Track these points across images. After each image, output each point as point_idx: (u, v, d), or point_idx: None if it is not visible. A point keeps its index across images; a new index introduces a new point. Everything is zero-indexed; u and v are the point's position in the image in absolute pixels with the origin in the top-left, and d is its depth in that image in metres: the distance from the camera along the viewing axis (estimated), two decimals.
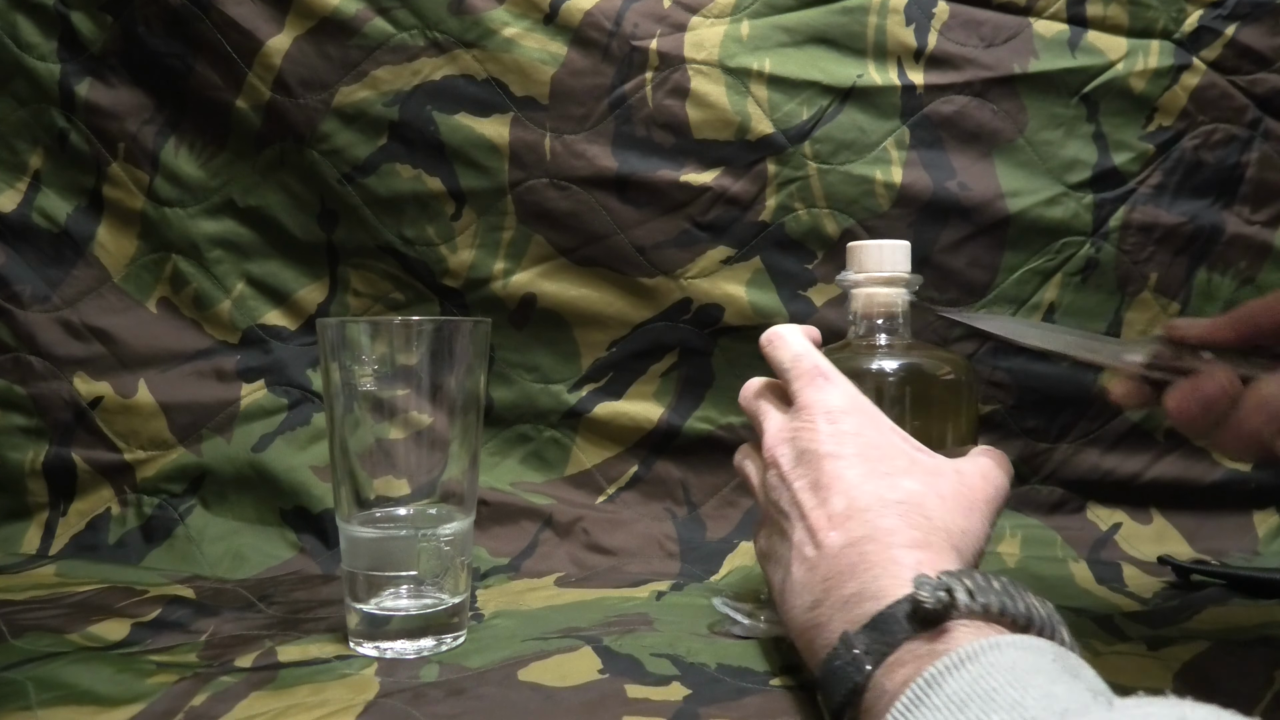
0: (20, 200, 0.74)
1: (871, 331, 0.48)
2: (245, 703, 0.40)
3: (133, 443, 0.71)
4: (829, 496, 0.37)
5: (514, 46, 0.72)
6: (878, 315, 0.48)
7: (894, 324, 0.48)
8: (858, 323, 0.49)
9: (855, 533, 0.35)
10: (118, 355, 0.73)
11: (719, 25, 0.73)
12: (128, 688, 0.41)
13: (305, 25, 0.72)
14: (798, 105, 0.72)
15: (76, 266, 0.74)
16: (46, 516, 0.70)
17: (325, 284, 0.75)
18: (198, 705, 0.39)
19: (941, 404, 0.46)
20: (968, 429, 0.47)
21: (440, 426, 0.48)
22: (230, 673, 0.43)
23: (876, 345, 0.48)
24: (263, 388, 0.73)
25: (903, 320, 0.48)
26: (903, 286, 0.48)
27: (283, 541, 0.68)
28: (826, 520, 0.37)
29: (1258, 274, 0.73)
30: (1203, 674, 0.41)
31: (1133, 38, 0.73)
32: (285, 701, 0.40)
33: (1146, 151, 0.73)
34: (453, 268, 0.73)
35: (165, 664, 0.45)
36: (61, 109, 0.74)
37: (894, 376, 0.46)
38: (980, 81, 0.72)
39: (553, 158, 0.72)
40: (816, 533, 0.37)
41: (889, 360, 0.46)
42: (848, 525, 0.36)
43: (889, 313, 0.48)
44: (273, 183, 0.74)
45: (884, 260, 0.48)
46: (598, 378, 0.74)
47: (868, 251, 0.48)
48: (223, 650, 0.47)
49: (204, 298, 0.74)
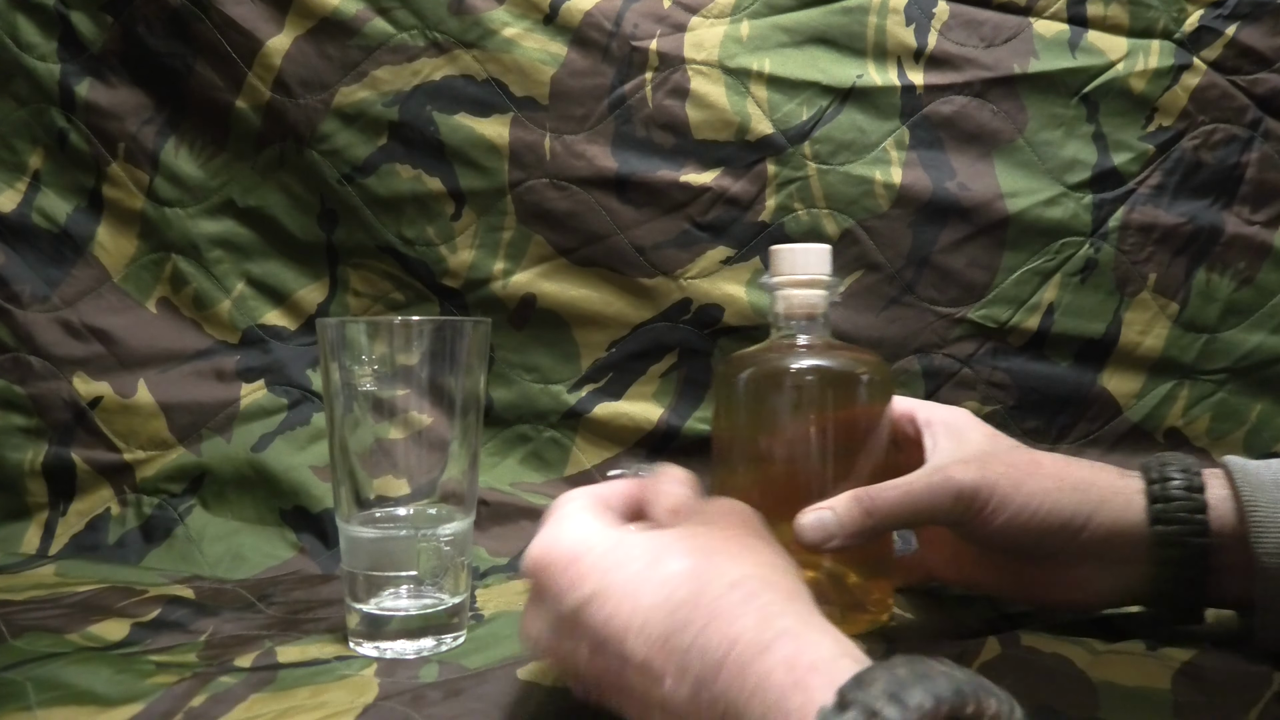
0: (20, 200, 0.74)
1: (792, 332, 0.49)
2: (245, 704, 0.40)
3: (132, 443, 0.71)
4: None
5: (514, 47, 0.72)
6: (798, 316, 0.50)
7: (814, 325, 0.50)
8: (780, 324, 0.50)
9: (691, 669, 0.27)
10: (117, 355, 0.73)
11: (719, 25, 0.73)
12: (127, 688, 0.41)
13: (305, 25, 0.72)
14: (797, 105, 0.72)
15: (76, 266, 0.74)
16: (46, 516, 0.70)
17: (325, 284, 0.75)
18: (197, 706, 0.39)
19: (859, 403, 0.48)
20: (884, 429, 0.48)
21: (440, 426, 0.48)
22: (230, 673, 0.43)
23: (796, 345, 0.49)
24: (262, 388, 0.73)
25: (823, 321, 0.50)
26: (823, 289, 0.50)
27: (282, 541, 0.68)
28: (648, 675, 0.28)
29: (1257, 274, 0.73)
30: (1202, 674, 0.41)
31: (1133, 38, 0.73)
32: (285, 703, 0.40)
33: (1146, 152, 0.73)
34: (453, 268, 0.73)
35: (165, 664, 0.45)
36: (61, 109, 0.74)
37: (812, 376, 0.48)
38: (980, 82, 0.72)
39: (553, 158, 0.72)
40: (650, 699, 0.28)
41: (808, 360, 0.48)
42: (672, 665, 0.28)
43: (809, 314, 0.50)
44: (272, 183, 0.74)
45: (804, 264, 0.49)
46: (597, 378, 0.74)
47: (789, 255, 0.49)
48: (222, 650, 0.47)
49: (204, 298, 0.74)
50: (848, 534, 0.43)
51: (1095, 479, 0.45)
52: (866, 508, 0.43)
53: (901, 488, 0.44)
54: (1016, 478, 0.43)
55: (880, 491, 0.44)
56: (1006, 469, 0.44)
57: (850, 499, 0.43)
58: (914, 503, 0.43)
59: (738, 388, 0.49)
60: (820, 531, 0.43)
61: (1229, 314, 0.73)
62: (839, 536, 0.43)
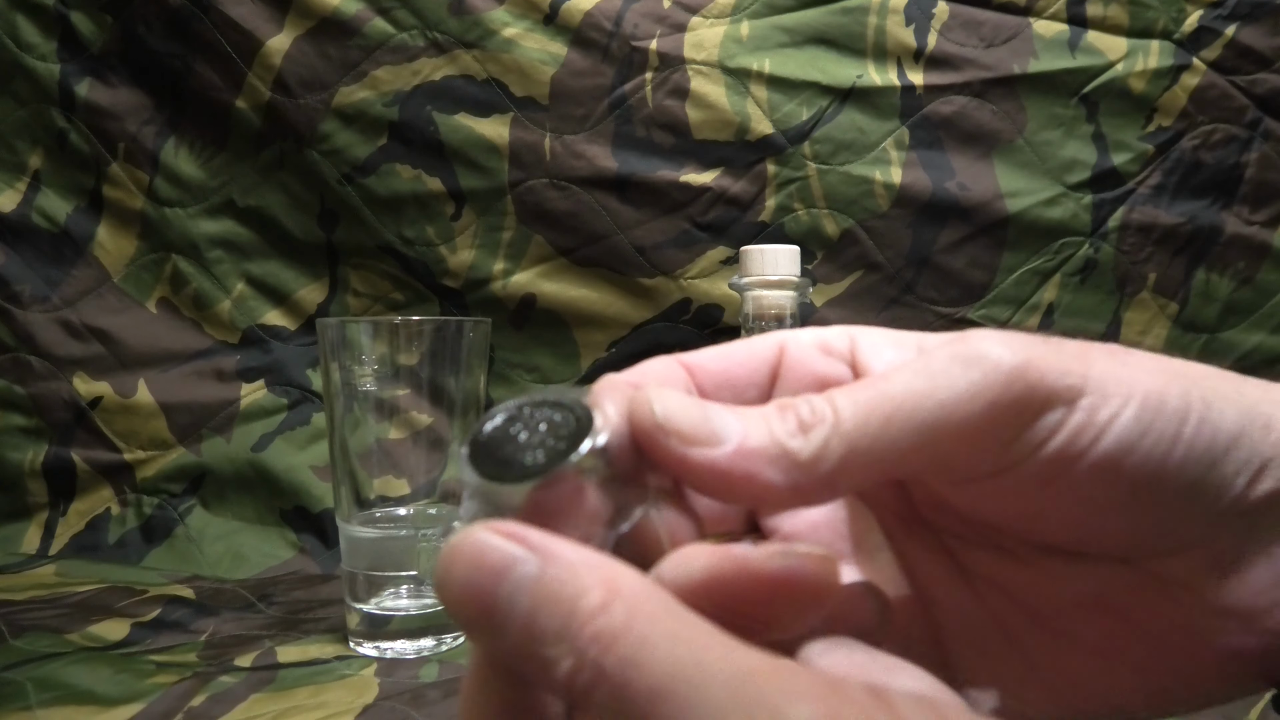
0: (20, 200, 0.74)
1: (762, 332, 0.50)
2: (245, 704, 0.40)
3: (132, 443, 0.71)
4: None
5: (514, 47, 0.72)
6: (767, 316, 0.51)
7: (783, 324, 0.50)
8: (749, 324, 0.51)
9: None
10: (117, 355, 0.73)
11: (719, 26, 0.73)
12: (127, 688, 0.41)
13: (305, 25, 0.72)
14: (797, 106, 0.72)
15: (76, 266, 0.74)
16: (46, 516, 0.70)
17: (325, 284, 0.75)
18: (197, 706, 0.39)
19: None
20: None
21: (440, 426, 0.48)
22: (230, 673, 0.43)
23: None
24: (263, 388, 0.73)
25: (791, 321, 0.51)
26: (792, 289, 0.50)
27: (282, 541, 0.68)
28: None
29: (1256, 274, 0.73)
30: None
31: (1133, 38, 0.73)
32: (285, 703, 0.40)
33: (1146, 152, 0.73)
34: (453, 268, 0.73)
35: (165, 664, 0.45)
36: (61, 109, 0.74)
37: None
38: (980, 82, 0.72)
39: (553, 158, 0.72)
40: None
41: None
42: None
43: (778, 314, 0.50)
44: (273, 183, 0.74)
45: (773, 265, 0.50)
46: (597, 378, 0.74)
47: (758, 256, 0.50)
48: (222, 650, 0.47)
49: (204, 298, 0.74)
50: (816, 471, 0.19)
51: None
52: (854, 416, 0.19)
53: (897, 384, 0.19)
54: (1115, 364, 0.19)
55: (856, 394, 0.19)
56: (1080, 349, 0.19)
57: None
58: (920, 408, 0.18)
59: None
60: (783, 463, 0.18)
61: (1228, 314, 0.73)
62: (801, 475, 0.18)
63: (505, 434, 0.18)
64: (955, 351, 0.19)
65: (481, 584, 0.16)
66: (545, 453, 0.17)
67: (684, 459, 0.18)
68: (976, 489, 0.20)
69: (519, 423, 0.18)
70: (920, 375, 0.19)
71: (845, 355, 0.22)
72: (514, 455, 0.17)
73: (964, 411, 0.18)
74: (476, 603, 0.16)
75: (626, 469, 0.18)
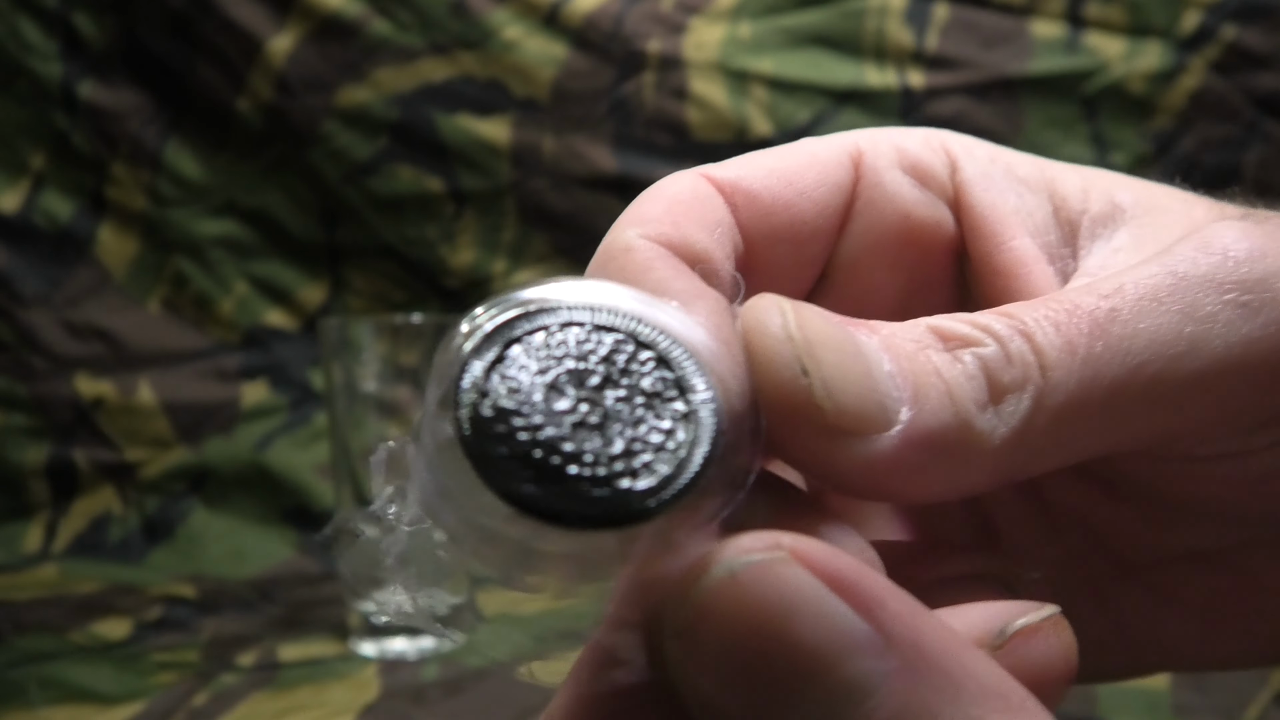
0: (22, 200, 0.74)
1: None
2: (246, 703, 0.40)
3: (134, 442, 0.71)
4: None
5: (515, 48, 0.72)
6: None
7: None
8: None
9: None
10: (119, 355, 0.73)
11: (719, 27, 0.73)
12: (129, 686, 0.41)
13: (306, 26, 0.72)
14: (797, 106, 0.72)
15: (78, 266, 0.74)
16: (48, 516, 0.70)
17: (326, 284, 0.75)
18: (198, 704, 0.40)
19: None
20: None
21: None
22: (231, 671, 0.43)
23: None
24: (264, 387, 0.73)
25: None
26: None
27: (284, 541, 0.68)
28: None
29: None
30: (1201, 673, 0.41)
31: (1131, 39, 0.73)
32: (286, 702, 0.40)
33: (1145, 152, 0.73)
34: (453, 268, 0.73)
35: (166, 663, 0.45)
36: (63, 110, 0.74)
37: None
38: (979, 83, 0.72)
39: (553, 159, 0.72)
40: None
41: None
42: None
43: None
44: (274, 183, 0.74)
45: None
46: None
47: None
48: (223, 649, 0.47)
49: (205, 297, 0.74)
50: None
51: None
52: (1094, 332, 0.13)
53: (1134, 324, 0.12)
54: None
55: (1072, 334, 0.13)
56: None
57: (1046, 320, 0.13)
58: (1177, 369, 0.12)
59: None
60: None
61: None
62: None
63: (550, 414, 0.11)
64: (1221, 279, 0.12)
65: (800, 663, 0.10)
66: (659, 463, 0.11)
67: (833, 457, 0.12)
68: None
69: (567, 389, 0.11)
70: (1173, 313, 0.12)
71: (944, 187, 0.16)
72: (592, 467, 0.10)
73: (1248, 371, 0.12)
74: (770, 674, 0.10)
75: (734, 446, 0.12)
